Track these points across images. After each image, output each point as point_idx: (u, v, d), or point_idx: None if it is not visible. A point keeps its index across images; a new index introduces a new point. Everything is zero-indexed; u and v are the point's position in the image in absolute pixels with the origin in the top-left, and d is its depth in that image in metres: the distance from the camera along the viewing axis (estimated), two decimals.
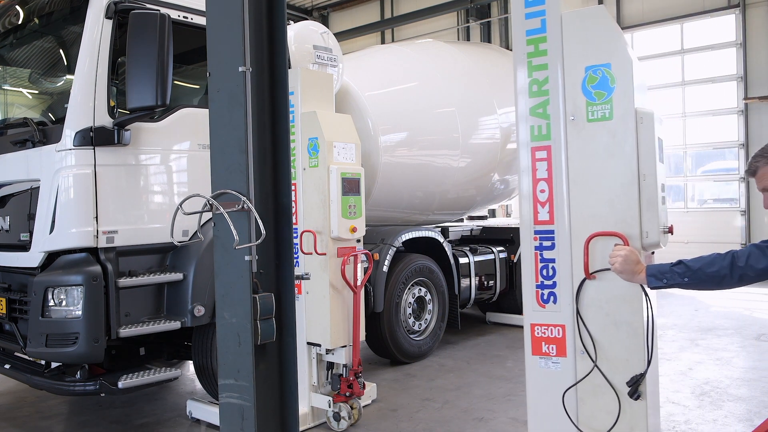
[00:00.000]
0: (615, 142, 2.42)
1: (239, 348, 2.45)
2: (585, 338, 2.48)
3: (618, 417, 2.40)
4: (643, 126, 2.38)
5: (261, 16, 2.55)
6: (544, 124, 2.57)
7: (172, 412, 5.06)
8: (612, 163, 2.43)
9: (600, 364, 2.45)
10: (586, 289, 2.49)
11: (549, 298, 2.60)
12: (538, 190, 2.60)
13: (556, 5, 2.55)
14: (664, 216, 2.48)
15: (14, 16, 4.64)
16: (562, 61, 2.53)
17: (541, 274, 2.61)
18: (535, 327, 2.63)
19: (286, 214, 2.62)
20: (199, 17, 4.26)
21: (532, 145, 2.61)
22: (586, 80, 2.48)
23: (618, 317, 2.43)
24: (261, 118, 2.53)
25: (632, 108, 2.39)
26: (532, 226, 2.63)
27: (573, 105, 2.51)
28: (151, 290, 4.07)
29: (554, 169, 2.55)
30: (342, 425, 4.47)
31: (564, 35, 2.53)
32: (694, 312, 8.74)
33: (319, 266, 4.51)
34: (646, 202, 2.39)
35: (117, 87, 4.05)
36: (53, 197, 3.81)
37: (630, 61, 2.40)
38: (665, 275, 2.20)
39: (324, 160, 4.51)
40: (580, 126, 2.49)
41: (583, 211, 2.50)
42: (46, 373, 4.09)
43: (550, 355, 2.59)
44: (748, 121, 12.33)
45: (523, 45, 2.62)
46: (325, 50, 5.39)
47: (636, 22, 13.60)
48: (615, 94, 2.42)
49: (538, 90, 2.59)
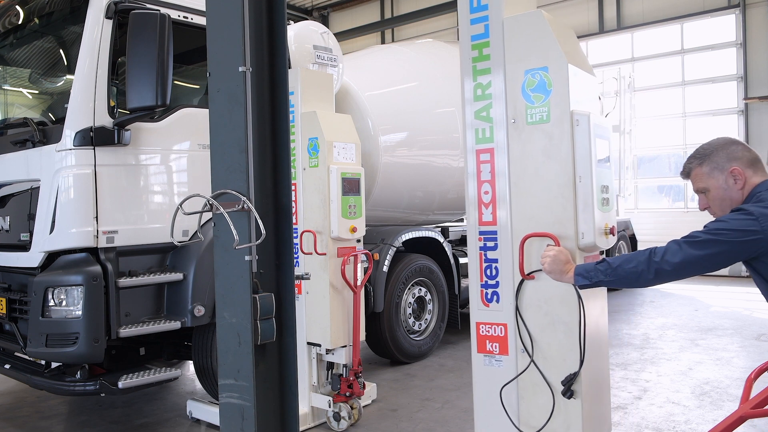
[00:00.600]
0: (552, 144, 2.46)
1: (239, 348, 2.45)
2: (524, 337, 2.52)
3: (551, 414, 2.43)
4: (579, 128, 2.41)
5: (261, 16, 2.55)
6: (487, 128, 2.63)
7: (172, 412, 5.06)
8: (549, 164, 2.47)
9: (538, 363, 2.48)
10: (525, 289, 2.54)
11: (492, 298, 2.65)
12: (482, 191, 2.66)
13: (498, 11, 2.60)
14: (606, 217, 2.50)
15: (14, 16, 4.64)
16: (504, 65, 2.58)
17: (485, 274, 2.66)
18: (479, 325, 2.68)
19: (286, 214, 2.62)
20: (199, 17, 4.26)
21: (477, 148, 2.67)
22: (525, 83, 2.52)
23: (555, 317, 2.46)
24: (261, 118, 2.53)
25: (568, 110, 2.42)
26: (477, 227, 2.68)
27: (514, 108, 2.56)
28: (151, 290, 4.07)
29: (497, 171, 2.61)
30: (342, 425, 4.47)
31: (505, 40, 2.57)
32: (694, 312, 8.74)
33: (319, 266, 4.51)
34: (582, 203, 2.41)
35: (117, 87, 4.05)
36: (53, 197, 3.81)
37: (565, 64, 2.42)
38: (590, 273, 2.22)
39: (324, 160, 4.51)
40: (521, 129, 2.54)
41: (522, 212, 2.55)
42: (46, 373, 4.09)
43: (493, 353, 2.64)
44: (748, 121, 12.34)
45: (469, 50, 2.67)
46: (325, 50, 5.39)
47: (636, 22, 13.61)
48: (552, 96, 2.46)
49: (482, 94, 2.65)
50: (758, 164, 2.24)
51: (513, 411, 2.58)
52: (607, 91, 12.04)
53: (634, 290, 10.81)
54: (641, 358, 6.33)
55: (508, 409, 2.58)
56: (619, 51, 13.97)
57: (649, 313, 8.83)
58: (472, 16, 2.66)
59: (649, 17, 13.41)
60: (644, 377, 5.64)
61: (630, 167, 12.58)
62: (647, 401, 4.98)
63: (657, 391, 5.24)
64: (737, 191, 2.22)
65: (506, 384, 2.58)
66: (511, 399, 2.58)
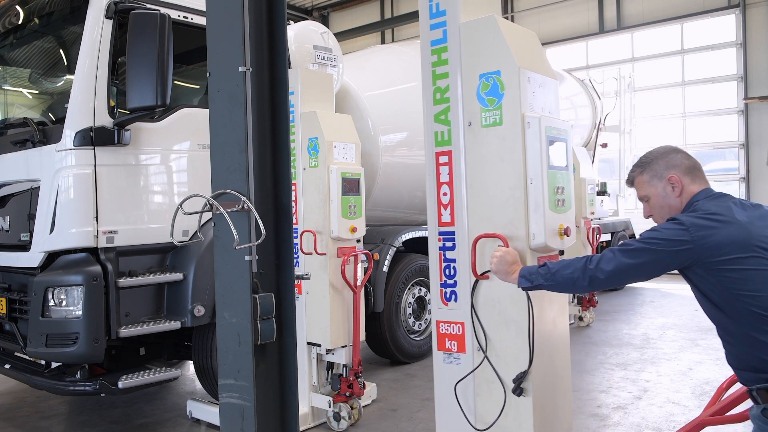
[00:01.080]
0: (505, 147, 2.51)
1: (239, 348, 2.45)
2: (480, 335, 2.58)
3: (502, 411, 2.48)
4: (530, 131, 2.46)
5: (261, 16, 2.55)
6: (446, 130, 2.70)
7: (172, 412, 5.06)
8: (502, 167, 2.52)
9: (493, 361, 2.54)
10: (480, 289, 2.59)
11: (451, 297, 2.70)
12: (441, 193, 2.73)
13: (456, 16, 2.64)
14: (561, 218, 2.54)
15: (14, 16, 4.64)
16: (460, 70, 2.63)
17: (444, 274, 2.72)
18: (439, 324, 2.74)
19: (286, 214, 2.62)
20: (199, 17, 4.26)
21: (436, 150, 2.74)
22: (480, 87, 2.58)
23: (508, 316, 2.51)
24: (261, 118, 2.53)
25: (519, 113, 2.47)
26: (437, 228, 2.75)
27: (470, 111, 2.61)
28: (151, 290, 4.07)
29: (454, 173, 2.67)
30: (342, 425, 4.47)
31: (462, 45, 2.62)
32: (694, 312, 8.73)
33: (319, 266, 4.51)
34: (533, 204, 2.46)
35: (117, 87, 4.05)
36: (53, 197, 3.81)
37: (517, 68, 2.46)
38: (532, 276, 2.25)
39: (324, 160, 4.51)
40: (476, 131, 2.60)
41: (478, 213, 2.61)
42: (46, 373, 4.09)
43: (452, 351, 2.70)
44: (748, 121, 12.34)
45: (429, 55, 2.74)
46: (325, 50, 5.39)
47: (636, 22, 13.61)
48: (504, 100, 2.51)
49: (441, 98, 2.71)
50: (697, 172, 2.27)
51: (470, 407, 2.62)
52: (607, 91, 12.05)
53: (634, 290, 10.82)
54: (641, 358, 6.33)
55: (465, 405, 2.63)
56: (619, 51, 13.97)
57: (649, 313, 8.83)
58: (432, 21, 2.72)
59: (649, 17, 13.42)
60: (644, 377, 5.64)
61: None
62: (647, 401, 4.98)
63: (657, 391, 5.24)
64: (675, 198, 2.24)
65: (460, 380, 2.63)
66: (469, 395, 2.63)
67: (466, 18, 2.64)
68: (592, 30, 14.15)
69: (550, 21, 14.79)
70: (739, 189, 12.49)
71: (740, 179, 12.45)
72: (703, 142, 13.15)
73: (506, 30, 2.54)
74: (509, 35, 2.54)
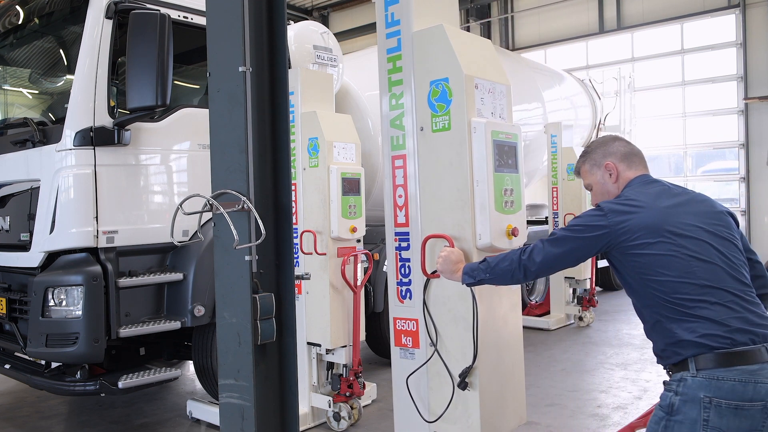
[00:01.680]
0: (453, 151, 2.62)
1: (239, 348, 2.45)
2: (431, 331, 2.70)
3: (449, 404, 2.59)
4: (476, 135, 2.57)
5: (261, 16, 2.55)
6: (400, 135, 2.80)
7: (172, 412, 5.06)
8: (451, 170, 2.63)
9: (444, 356, 2.64)
10: (431, 287, 2.70)
11: (406, 294, 2.83)
12: (396, 195, 2.85)
13: (409, 26, 2.75)
14: (509, 219, 2.64)
15: (14, 16, 4.64)
16: (413, 77, 2.74)
17: (400, 273, 2.85)
18: (396, 320, 2.87)
19: (286, 214, 2.62)
20: (199, 17, 4.26)
21: (392, 154, 2.85)
22: (430, 93, 2.68)
23: (457, 313, 2.61)
24: (261, 118, 2.53)
25: (466, 119, 2.57)
26: (393, 228, 2.89)
27: (422, 117, 2.72)
28: (151, 290, 4.07)
29: (408, 176, 2.79)
30: (342, 425, 4.47)
31: (414, 53, 2.73)
32: None
33: (319, 266, 4.51)
34: (479, 206, 2.56)
35: (117, 87, 4.05)
36: (53, 197, 3.81)
37: (462, 75, 2.56)
38: (474, 272, 2.33)
39: (324, 160, 4.51)
40: (427, 136, 2.70)
41: (429, 214, 2.72)
42: (46, 373, 4.09)
43: (407, 347, 2.82)
44: (748, 121, 12.34)
45: (385, 63, 2.85)
46: (325, 50, 5.39)
47: (636, 22, 13.61)
48: (452, 106, 2.61)
49: (396, 103, 2.82)
50: (634, 158, 2.32)
51: (423, 400, 2.73)
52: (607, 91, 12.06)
53: None
54: (641, 358, 6.33)
55: (418, 399, 2.74)
56: (619, 51, 13.97)
57: None
58: (387, 30, 2.83)
59: (649, 17, 13.42)
60: (644, 377, 5.64)
61: None
62: (647, 401, 4.98)
63: (657, 391, 5.23)
64: (612, 185, 2.31)
65: (411, 374, 2.74)
66: (422, 389, 2.74)
67: (420, 27, 2.74)
68: (592, 30, 14.15)
69: (550, 21, 14.78)
70: (739, 189, 12.49)
71: (740, 179, 12.45)
72: (703, 142, 13.15)
73: (455, 38, 2.65)
74: (458, 43, 2.64)
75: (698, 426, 1.86)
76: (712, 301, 1.92)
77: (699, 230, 2.03)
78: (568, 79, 10.94)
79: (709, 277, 1.95)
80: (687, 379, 1.91)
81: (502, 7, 15.50)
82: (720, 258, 2.00)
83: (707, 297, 1.93)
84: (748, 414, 1.84)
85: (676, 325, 1.95)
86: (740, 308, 1.93)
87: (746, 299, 1.96)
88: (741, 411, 1.83)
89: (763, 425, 1.85)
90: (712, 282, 1.95)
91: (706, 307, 1.92)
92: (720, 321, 1.90)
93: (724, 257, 2.01)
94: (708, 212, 2.11)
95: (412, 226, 2.79)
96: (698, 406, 1.86)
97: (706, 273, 1.96)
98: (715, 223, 2.08)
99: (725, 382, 1.85)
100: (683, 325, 1.93)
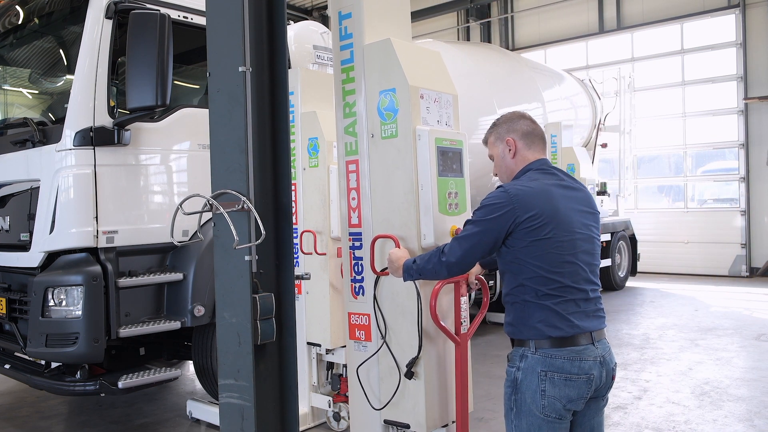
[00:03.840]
0: (400, 157, 2.78)
1: (239, 348, 2.45)
2: (381, 324, 2.86)
3: (396, 391, 2.76)
4: (421, 142, 2.73)
5: (261, 16, 2.55)
6: (354, 141, 2.97)
7: (172, 412, 5.06)
8: (398, 174, 2.79)
9: (393, 348, 2.81)
10: (382, 284, 2.85)
11: (359, 291, 3.00)
12: (350, 197, 2.99)
13: (361, 39, 2.90)
14: (454, 221, 2.78)
15: (14, 16, 4.64)
16: (364, 87, 2.90)
17: (354, 270, 3.01)
18: (351, 315, 3.05)
19: (286, 214, 2.62)
20: (199, 17, 4.26)
21: (346, 159, 3.00)
22: (380, 103, 2.84)
23: (405, 307, 2.77)
24: (261, 118, 2.53)
25: (411, 127, 2.74)
26: (348, 229, 3.02)
27: (372, 124, 2.88)
28: (151, 290, 4.07)
29: (361, 179, 2.94)
30: (342, 425, 4.47)
31: (365, 64, 2.89)
32: (694, 312, 8.74)
33: (319, 266, 4.51)
34: (423, 208, 2.73)
35: (117, 87, 4.05)
36: (53, 197, 3.81)
37: (407, 85, 2.73)
38: (410, 269, 2.47)
39: (324, 160, 4.50)
40: (377, 143, 2.87)
41: (379, 216, 2.87)
42: (46, 373, 4.09)
43: (361, 340, 3.00)
44: (748, 121, 12.33)
45: (339, 73, 3.02)
46: (325, 50, 5.39)
47: (636, 22, 13.61)
48: (399, 114, 2.77)
49: (349, 112, 2.98)
50: (535, 139, 2.44)
51: (374, 391, 2.92)
52: (607, 91, 12.06)
53: (634, 290, 10.83)
54: (641, 358, 6.33)
55: (369, 389, 2.93)
56: (619, 51, 13.97)
57: (649, 313, 8.83)
58: (341, 43, 2.99)
59: (649, 17, 13.42)
60: (644, 377, 5.64)
61: (630, 167, 12.58)
62: (647, 401, 4.98)
63: (657, 391, 5.24)
64: (510, 160, 2.43)
65: (361, 364, 2.95)
66: (374, 380, 2.92)
67: (371, 40, 2.88)
68: (592, 30, 14.14)
69: (550, 21, 14.78)
70: (739, 189, 12.48)
71: (740, 179, 12.45)
72: (703, 142, 13.15)
73: (402, 51, 2.81)
74: (404, 56, 2.80)
75: (537, 395, 2.20)
76: (567, 298, 2.21)
77: (576, 232, 2.25)
78: (568, 79, 10.94)
79: (571, 277, 2.22)
80: (528, 356, 2.25)
81: (502, 7, 15.50)
82: (583, 259, 2.26)
83: (565, 294, 2.21)
84: (575, 384, 2.19)
85: (533, 311, 2.23)
86: (585, 304, 2.24)
87: (591, 298, 2.27)
88: (570, 382, 2.18)
89: (587, 392, 2.21)
90: (572, 282, 2.22)
91: (560, 303, 2.20)
92: (566, 316, 2.20)
93: (586, 258, 2.27)
94: (585, 212, 2.32)
95: (364, 227, 2.94)
96: (536, 378, 2.21)
97: (571, 274, 2.22)
98: (589, 224, 2.32)
99: (557, 360, 2.19)
100: (538, 313, 2.21)
